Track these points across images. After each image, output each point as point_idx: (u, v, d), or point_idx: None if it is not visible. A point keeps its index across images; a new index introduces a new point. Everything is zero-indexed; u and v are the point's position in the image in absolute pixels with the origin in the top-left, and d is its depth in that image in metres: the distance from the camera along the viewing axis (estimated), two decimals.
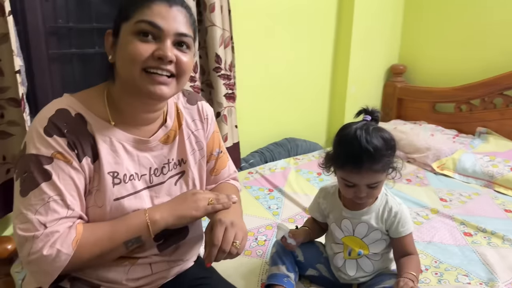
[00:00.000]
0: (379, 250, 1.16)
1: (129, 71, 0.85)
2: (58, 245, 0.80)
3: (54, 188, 0.82)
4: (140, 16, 0.84)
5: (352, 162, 1.04)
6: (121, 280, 0.94)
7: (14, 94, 1.40)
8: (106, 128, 0.89)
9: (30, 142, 0.84)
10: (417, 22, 2.68)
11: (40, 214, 0.81)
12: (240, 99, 2.04)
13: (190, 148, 1.04)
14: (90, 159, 0.87)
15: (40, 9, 1.55)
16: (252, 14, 2.11)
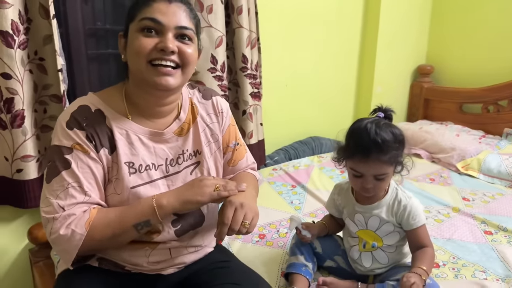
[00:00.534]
0: (393, 242, 1.21)
1: (136, 64, 0.94)
2: (73, 226, 0.90)
3: (73, 176, 0.92)
4: (143, 15, 0.93)
5: (361, 152, 1.10)
6: (142, 263, 1.02)
7: (56, 91, 1.53)
8: (123, 121, 0.98)
9: (55, 135, 0.95)
10: (444, 22, 2.67)
11: (60, 199, 0.91)
12: (266, 98, 2.11)
13: (205, 140, 1.11)
14: (107, 150, 0.96)
15: (80, 12, 1.66)
16: (279, 16, 2.17)
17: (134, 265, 1.02)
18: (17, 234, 1.64)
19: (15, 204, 1.55)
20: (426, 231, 1.21)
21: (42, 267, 1.52)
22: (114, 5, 1.79)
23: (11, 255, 1.66)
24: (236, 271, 1.09)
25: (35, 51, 1.48)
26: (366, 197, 1.20)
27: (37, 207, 1.55)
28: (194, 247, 1.10)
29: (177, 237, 1.05)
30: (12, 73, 1.39)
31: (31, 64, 1.47)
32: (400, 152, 1.13)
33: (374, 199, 1.20)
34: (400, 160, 1.14)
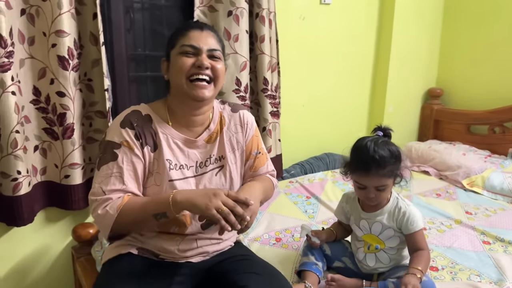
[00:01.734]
0: (394, 245, 1.36)
1: (178, 81, 1.17)
2: (108, 207, 1.09)
3: (117, 167, 1.13)
4: (182, 42, 1.17)
5: (362, 167, 1.28)
6: (174, 250, 1.22)
7: (101, 108, 1.74)
8: (166, 127, 1.21)
9: (109, 132, 1.17)
10: (454, 47, 2.84)
11: (103, 184, 1.12)
12: (285, 117, 2.30)
13: (229, 147, 1.30)
14: (150, 148, 1.18)
15: (124, 40, 1.89)
16: (298, 43, 2.38)
17: (167, 253, 1.22)
18: (61, 233, 1.85)
19: (61, 206, 1.76)
20: (423, 235, 1.35)
21: (84, 262, 1.71)
22: (152, 34, 2.01)
23: (55, 251, 1.86)
24: (257, 264, 1.25)
25: (85, 73, 1.70)
26: (370, 205, 1.37)
27: (80, 209, 1.77)
28: (216, 239, 1.28)
29: (202, 230, 1.25)
30: (66, 91, 1.62)
31: (81, 84, 1.70)
32: (397, 166, 1.30)
33: (377, 207, 1.37)
34: (397, 172, 1.31)
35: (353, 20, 2.58)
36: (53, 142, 1.68)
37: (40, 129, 1.66)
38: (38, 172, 1.69)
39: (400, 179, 1.32)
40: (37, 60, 1.60)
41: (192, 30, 1.18)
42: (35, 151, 1.67)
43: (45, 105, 1.64)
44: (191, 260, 1.25)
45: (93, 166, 1.80)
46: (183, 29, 1.19)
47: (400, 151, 1.31)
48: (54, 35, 1.56)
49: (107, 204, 1.10)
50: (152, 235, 1.22)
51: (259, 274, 1.17)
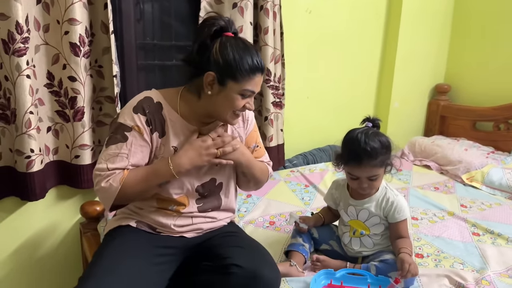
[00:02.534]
0: (379, 232, 1.43)
1: (224, 111, 1.23)
2: (111, 180, 1.18)
3: (125, 148, 1.21)
4: (247, 86, 1.20)
5: (354, 159, 1.33)
6: (170, 225, 1.31)
7: (110, 93, 1.85)
8: (175, 116, 1.27)
9: (122, 114, 1.24)
10: (463, 44, 2.84)
11: (110, 162, 1.20)
12: (290, 108, 2.37)
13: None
14: (159, 134, 1.25)
15: (133, 29, 1.98)
16: (304, 36, 2.43)
17: (163, 227, 1.31)
18: (71, 210, 1.97)
19: (71, 184, 1.87)
20: (407, 225, 1.41)
21: (90, 237, 1.83)
22: (161, 24, 2.10)
23: (65, 227, 1.98)
24: (243, 239, 1.35)
25: (95, 59, 1.81)
26: (359, 193, 1.42)
27: (89, 188, 1.88)
28: (211, 218, 1.37)
29: (199, 212, 1.34)
30: (77, 76, 1.72)
31: (92, 70, 1.80)
32: (388, 156, 1.35)
33: (366, 195, 1.42)
34: (388, 162, 1.36)
35: (360, 14, 2.60)
36: (64, 124, 1.79)
37: (53, 111, 1.77)
38: (50, 152, 1.81)
39: (391, 168, 1.37)
40: (51, 47, 1.71)
41: (258, 75, 1.21)
42: (48, 132, 1.78)
43: (58, 89, 1.75)
44: (185, 235, 1.34)
45: (102, 147, 1.89)
46: (250, 70, 1.18)
47: (390, 141, 1.36)
48: (67, 23, 1.66)
49: (110, 178, 1.19)
50: (151, 210, 1.31)
51: (243, 248, 1.25)
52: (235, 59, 1.16)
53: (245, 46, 1.20)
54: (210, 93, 1.21)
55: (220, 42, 1.18)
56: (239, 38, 1.22)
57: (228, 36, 1.20)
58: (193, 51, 1.21)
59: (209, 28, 1.18)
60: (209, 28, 1.18)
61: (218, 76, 1.18)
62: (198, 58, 1.20)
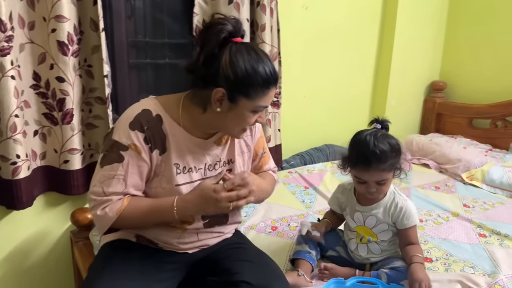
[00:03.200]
0: (387, 238, 1.37)
1: (234, 128, 1.14)
2: (107, 209, 1.08)
3: (121, 169, 1.09)
4: (261, 102, 1.09)
5: (362, 162, 1.26)
6: (173, 242, 1.21)
7: (100, 94, 1.75)
8: (177, 129, 1.14)
9: (116, 130, 1.11)
10: (458, 41, 2.81)
11: (105, 185, 1.08)
12: (286, 107, 2.30)
13: (239, 150, 1.28)
14: (159, 152, 1.13)
15: (124, 26, 1.89)
16: (300, 33, 2.37)
17: (166, 243, 1.22)
18: (60, 218, 1.87)
19: (60, 191, 1.77)
20: (416, 231, 1.36)
21: (81, 246, 1.73)
22: (153, 21, 2.01)
23: (54, 236, 1.88)
24: (250, 251, 1.27)
25: (84, 58, 1.71)
26: (367, 198, 1.36)
27: (79, 195, 1.78)
28: (217, 233, 1.28)
29: (204, 228, 1.24)
30: (66, 77, 1.62)
31: (81, 70, 1.70)
32: (398, 160, 1.29)
33: (373, 200, 1.36)
34: (398, 166, 1.30)
35: (357, 12, 2.55)
36: (52, 127, 1.69)
37: (39, 114, 1.67)
38: (37, 157, 1.70)
39: (400, 171, 1.31)
40: (37, 45, 1.60)
41: (272, 88, 1.09)
42: (35, 135, 1.68)
43: (45, 90, 1.65)
44: (189, 251, 1.25)
45: (92, 152, 1.82)
46: (264, 85, 1.07)
47: (400, 144, 1.30)
48: (54, 20, 1.56)
49: (106, 205, 1.09)
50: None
51: (252, 262, 1.18)
52: (248, 74, 1.04)
53: (257, 56, 1.06)
54: (219, 110, 1.08)
55: (230, 54, 1.04)
56: (250, 46, 1.08)
57: (238, 43, 1.06)
58: (198, 60, 1.06)
59: (217, 36, 1.03)
60: (217, 36, 1.03)
61: (228, 93, 1.05)
62: (204, 70, 1.06)
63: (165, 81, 2.10)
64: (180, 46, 2.07)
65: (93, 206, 1.11)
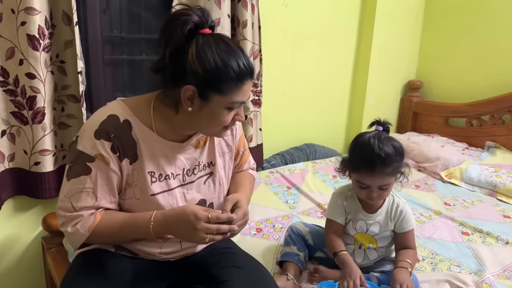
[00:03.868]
0: (385, 244, 1.34)
1: (211, 128, 1.04)
2: (78, 225, 1.00)
3: (90, 182, 1.00)
4: (235, 98, 0.98)
5: (366, 166, 1.20)
6: (155, 253, 1.14)
7: (74, 92, 1.66)
8: (149, 134, 1.05)
9: (81, 139, 1.01)
10: (434, 41, 2.84)
11: (74, 199, 1.00)
12: (266, 106, 2.26)
13: (220, 151, 1.20)
14: (129, 160, 1.03)
15: (99, 21, 1.80)
16: (281, 31, 2.33)
17: (147, 254, 1.14)
18: (31, 223, 1.76)
19: (31, 194, 1.67)
20: (413, 235, 1.33)
21: (55, 253, 1.63)
22: (129, 15, 1.93)
23: (25, 242, 1.77)
24: (239, 257, 1.21)
25: (57, 54, 1.61)
26: (370, 205, 1.31)
27: (51, 198, 1.68)
28: None
29: None
30: (36, 73, 1.53)
31: (53, 66, 1.61)
32: (401, 163, 1.24)
33: (376, 206, 1.31)
34: (400, 170, 1.25)
35: (336, 10, 2.54)
36: (22, 127, 1.59)
37: (7, 113, 1.56)
38: (5, 159, 1.60)
39: (402, 175, 1.26)
40: (5, 39, 1.49)
41: (247, 82, 1.00)
42: (3, 136, 1.57)
43: (14, 87, 1.54)
44: (172, 260, 1.18)
45: (65, 153, 1.72)
46: (238, 78, 0.97)
47: (403, 147, 1.25)
48: (23, 12, 1.46)
49: (77, 221, 1.01)
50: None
51: (241, 268, 1.13)
52: (217, 67, 0.94)
53: (228, 47, 0.96)
54: (191, 109, 0.99)
55: (197, 47, 0.94)
56: (218, 37, 0.98)
57: (205, 35, 0.96)
58: (164, 57, 0.96)
59: (182, 29, 0.93)
60: (181, 29, 0.93)
61: (198, 90, 0.96)
62: (171, 67, 0.97)
63: (142, 78, 2.02)
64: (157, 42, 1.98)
65: (63, 223, 1.03)
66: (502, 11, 2.49)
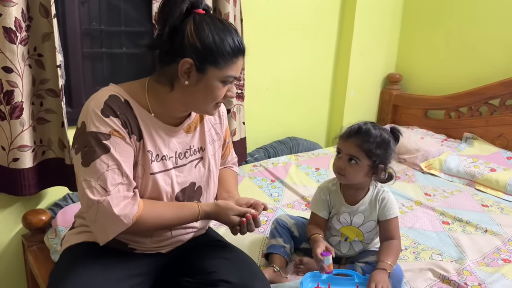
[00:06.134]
0: (372, 236, 1.36)
1: (206, 103, 1.07)
2: (123, 216, 0.97)
3: (112, 159, 0.99)
4: (230, 72, 1.03)
5: (346, 134, 1.29)
6: (146, 242, 1.13)
7: (53, 86, 1.62)
8: (146, 116, 1.07)
9: (89, 121, 0.99)
10: (413, 35, 2.89)
11: (101, 181, 0.97)
12: (249, 100, 2.25)
13: (210, 139, 1.23)
14: (136, 137, 1.05)
15: (77, 13, 1.75)
16: (262, 24, 2.33)
17: (138, 243, 1.13)
18: (10, 221, 1.72)
19: (10, 191, 1.62)
20: (397, 224, 1.34)
21: (36, 251, 1.60)
22: (108, 8, 1.88)
23: (3, 240, 1.73)
24: (226, 249, 1.22)
25: (34, 47, 1.56)
26: (353, 197, 1.33)
27: (31, 195, 1.64)
28: (191, 228, 1.21)
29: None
30: (13, 67, 1.48)
31: (31, 59, 1.56)
32: (379, 151, 1.26)
33: (358, 197, 1.34)
34: (376, 157, 1.26)
35: (317, 4, 2.55)
36: None
37: None
38: None
39: (379, 171, 1.29)
40: None
41: (240, 58, 1.05)
42: None
43: None
44: (162, 251, 1.18)
45: (44, 148, 1.68)
46: (233, 53, 1.02)
47: (392, 144, 1.29)
48: None
49: (117, 202, 0.97)
50: None
51: (228, 259, 1.14)
52: (215, 41, 1.00)
53: (223, 25, 1.03)
54: (188, 83, 1.02)
55: (194, 23, 1.00)
56: (214, 16, 1.05)
57: (201, 14, 1.02)
58: (161, 35, 1.01)
59: (179, 7, 0.99)
60: (179, 7, 0.99)
61: (196, 63, 1.00)
62: (169, 43, 1.01)
63: (122, 71, 1.97)
64: (138, 35, 1.95)
65: (100, 210, 0.97)
66: (479, 4, 2.54)
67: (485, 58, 2.54)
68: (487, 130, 2.49)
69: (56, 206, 1.77)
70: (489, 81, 2.45)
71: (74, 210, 1.45)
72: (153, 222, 1.05)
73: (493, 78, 2.45)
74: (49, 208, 1.77)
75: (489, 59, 2.52)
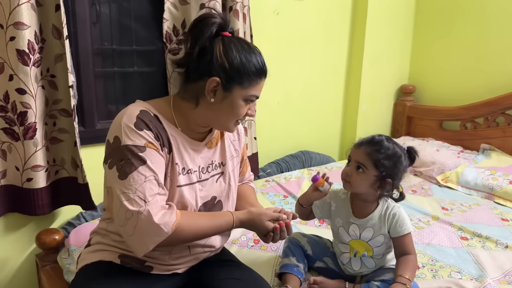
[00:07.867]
0: (382, 251, 1.32)
1: (228, 120, 1.12)
2: (163, 224, 0.98)
3: (149, 170, 1.01)
4: (253, 91, 1.10)
5: (358, 143, 1.29)
6: (164, 258, 1.13)
7: (65, 106, 1.64)
8: (174, 130, 1.12)
9: (124, 135, 1.02)
10: (426, 45, 2.86)
11: (140, 192, 0.99)
12: (260, 115, 2.23)
13: (229, 155, 1.27)
14: (167, 150, 1.09)
15: (89, 33, 1.78)
16: (274, 40, 2.33)
17: (156, 259, 1.12)
18: (23, 240, 1.73)
19: (24, 211, 1.64)
20: (411, 239, 1.30)
21: (49, 271, 1.60)
22: (120, 27, 1.90)
23: (18, 260, 1.74)
24: (238, 269, 1.21)
25: (47, 68, 1.59)
26: (361, 210, 1.31)
27: (44, 215, 1.65)
28: (209, 247, 1.20)
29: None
30: (27, 88, 1.51)
31: (44, 80, 1.59)
32: (388, 164, 1.24)
33: (366, 211, 1.31)
34: (384, 170, 1.24)
35: (327, 18, 2.55)
36: (13, 143, 1.56)
37: None
38: None
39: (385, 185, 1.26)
40: None
41: (263, 79, 1.13)
42: None
43: (4, 103, 1.52)
44: (179, 271, 1.17)
45: (57, 168, 1.70)
46: (257, 74, 1.09)
47: (404, 160, 1.28)
48: (12, 27, 1.44)
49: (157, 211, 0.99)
50: None
51: (240, 280, 1.13)
52: (242, 62, 1.06)
53: (249, 47, 1.10)
54: (213, 100, 1.08)
55: (224, 44, 1.06)
56: (240, 38, 1.12)
57: (228, 36, 1.09)
58: (191, 54, 1.07)
59: (210, 28, 1.06)
60: (209, 29, 1.06)
61: (223, 82, 1.06)
62: (197, 61, 1.08)
63: (134, 90, 1.99)
64: (149, 53, 1.97)
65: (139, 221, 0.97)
66: (493, 13, 2.51)
67: (500, 67, 2.49)
68: (504, 140, 2.43)
69: (69, 225, 1.77)
70: (505, 91, 2.40)
71: (87, 229, 1.45)
72: (191, 231, 1.06)
73: (509, 88, 2.40)
74: (62, 227, 1.77)
75: (504, 68, 2.47)
